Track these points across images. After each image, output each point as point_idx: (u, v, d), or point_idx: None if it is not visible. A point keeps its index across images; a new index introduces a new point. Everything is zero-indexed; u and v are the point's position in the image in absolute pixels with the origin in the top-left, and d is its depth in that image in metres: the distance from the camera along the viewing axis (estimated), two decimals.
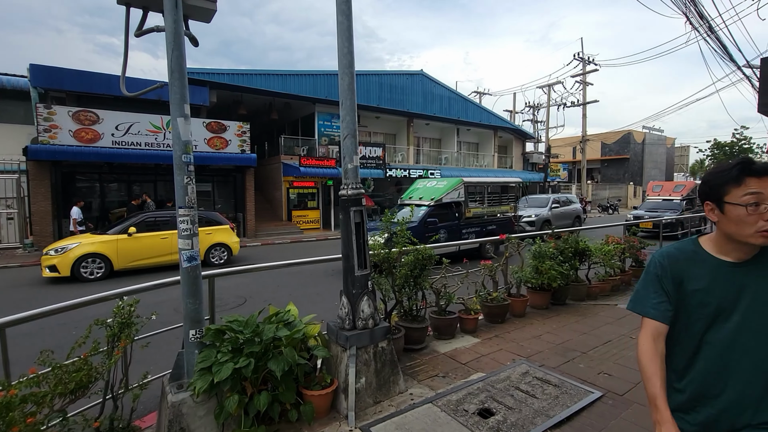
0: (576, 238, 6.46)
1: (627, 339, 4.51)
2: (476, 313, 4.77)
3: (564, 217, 15.06)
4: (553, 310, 5.66)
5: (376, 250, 3.91)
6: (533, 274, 5.61)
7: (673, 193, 15.57)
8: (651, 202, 15.89)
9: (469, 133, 26.53)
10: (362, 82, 19.44)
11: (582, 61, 27.96)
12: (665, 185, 16.45)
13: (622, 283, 7.04)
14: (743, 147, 47.86)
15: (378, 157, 18.51)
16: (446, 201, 10.34)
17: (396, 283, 4.23)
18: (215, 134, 14.21)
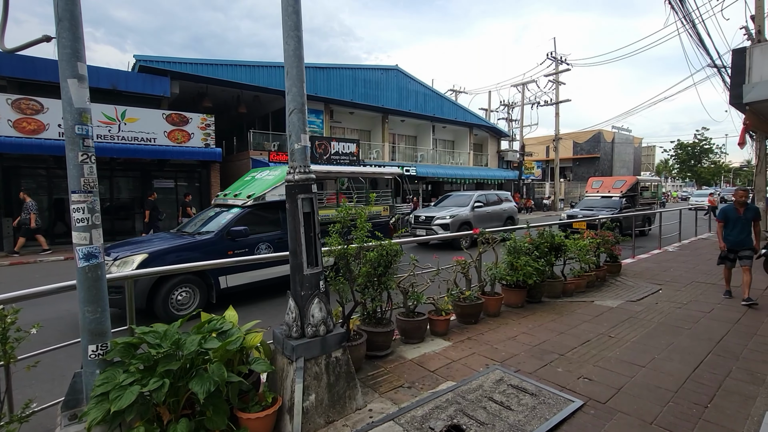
0: (551, 232, 6.20)
1: (606, 338, 4.23)
2: (448, 313, 4.39)
3: (491, 219, 12.66)
4: (529, 309, 5.36)
5: (332, 245, 3.45)
6: (508, 270, 5.30)
7: (612, 190, 14.03)
8: (588, 200, 14.43)
9: (445, 130, 26.38)
10: (335, 76, 18.89)
11: (555, 60, 28.31)
12: (606, 181, 15.04)
13: (597, 279, 6.85)
14: (704, 147, 50.10)
15: (352, 153, 18.00)
16: (271, 200, 6.73)
17: (357, 282, 3.79)
18: (176, 127, 13.34)
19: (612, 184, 14.46)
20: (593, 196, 14.45)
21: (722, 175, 58.16)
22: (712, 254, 9.54)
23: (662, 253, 9.84)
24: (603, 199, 13.94)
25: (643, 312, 5.15)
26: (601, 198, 14.04)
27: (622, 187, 14.04)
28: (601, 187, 14.68)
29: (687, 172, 51.33)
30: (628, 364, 3.58)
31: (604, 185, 14.70)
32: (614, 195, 13.82)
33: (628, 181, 14.39)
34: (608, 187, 14.37)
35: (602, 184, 14.84)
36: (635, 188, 14.40)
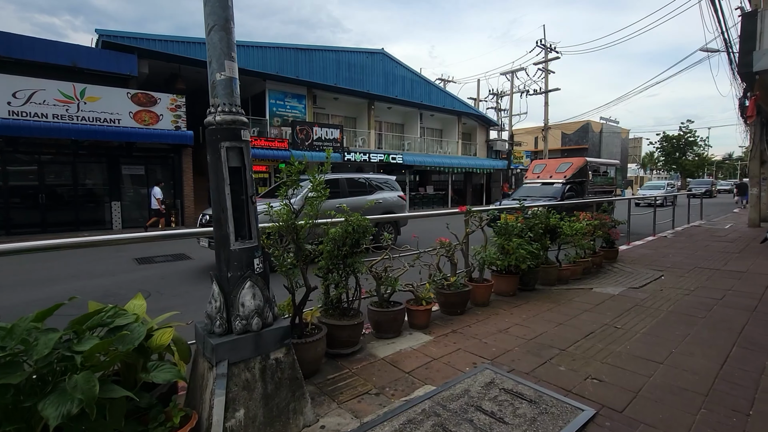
0: (546, 213, 5.60)
1: (612, 330, 3.64)
2: (429, 303, 3.75)
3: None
4: (522, 297, 4.76)
5: (278, 215, 2.76)
6: (498, 254, 4.67)
7: (555, 175, 11.61)
8: (527, 187, 12.10)
9: (433, 118, 25.70)
10: (318, 59, 18.00)
11: (544, 48, 27.75)
12: (549, 164, 12.54)
13: (594, 265, 6.30)
14: (689, 140, 50.47)
15: (335, 139, 17.22)
16: None
17: (319, 266, 3.12)
18: (143, 107, 12.37)
19: (556, 168, 11.99)
20: (532, 183, 12.09)
21: (705, 168, 58.85)
22: (709, 241, 9.14)
23: (657, 240, 9.38)
24: (543, 186, 11.52)
25: (649, 299, 4.59)
26: (541, 185, 11.58)
27: (566, 171, 11.54)
28: (543, 172, 12.21)
29: (672, 165, 51.71)
30: (643, 360, 2.99)
31: (547, 169, 12.24)
32: (557, 181, 11.39)
33: (574, 164, 11.78)
34: (551, 172, 11.87)
35: (545, 168, 12.39)
36: (583, 172, 11.89)
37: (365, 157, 18.64)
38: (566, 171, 11.66)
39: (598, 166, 13.78)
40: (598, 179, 13.04)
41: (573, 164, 11.85)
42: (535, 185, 11.82)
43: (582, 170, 11.88)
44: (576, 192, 11.43)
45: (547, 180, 11.70)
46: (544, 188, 11.46)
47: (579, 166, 11.78)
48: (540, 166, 12.68)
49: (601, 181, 13.24)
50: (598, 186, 13.03)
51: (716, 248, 8.10)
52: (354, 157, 18.20)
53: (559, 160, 12.62)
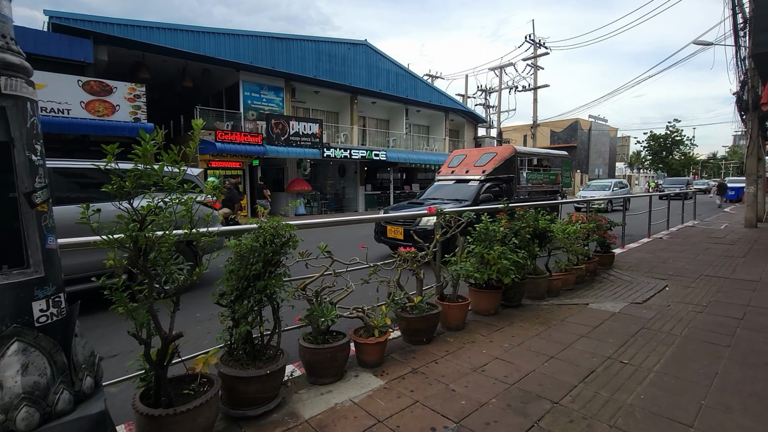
0: (535, 214, 4.79)
1: (617, 366, 2.83)
2: (384, 332, 2.89)
3: None
4: (505, 316, 3.94)
5: None
6: (477, 265, 3.84)
7: (473, 169, 8.66)
8: (437, 187, 9.10)
9: (419, 115, 24.87)
10: (296, 49, 17.00)
11: (533, 43, 27.14)
12: (470, 155, 9.49)
13: (588, 272, 5.53)
14: (675, 139, 50.67)
15: (314, 134, 16.26)
16: None
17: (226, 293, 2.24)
18: (97, 97, 11.27)
19: (475, 160, 8.99)
20: (445, 181, 9.02)
21: (691, 167, 59.32)
22: (708, 243, 8.48)
23: (653, 242, 8.69)
24: (456, 185, 8.55)
25: (656, 319, 3.81)
26: (454, 183, 8.66)
27: (486, 164, 8.55)
28: (459, 166, 9.15)
29: (659, 163, 51.88)
30: (665, 420, 2.18)
31: (466, 162, 9.16)
32: (473, 177, 8.40)
33: (499, 154, 8.79)
34: (469, 165, 8.91)
35: (463, 161, 9.29)
36: (510, 166, 8.75)
37: (346, 154, 17.72)
38: (486, 164, 8.51)
39: (535, 158, 10.93)
40: (535, 175, 10.06)
41: (497, 155, 8.74)
42: (449, 183, 8.78)
43: (508, 163, 8.67)
44: (498, 193, 8.24)
45: (463, 176, 8.63)
46: (456, 188, 8.41)
47: (504, 157, 8.63)
48: (459, 157, 9.50)
49: (539, 178, 10.18)
50: (536, 184, 9.88)
51: (718, 251, 7.42)
52: (334, 154, 17.26)
53: (482, 150, 9.55)
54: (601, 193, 18.23)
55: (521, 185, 9.20)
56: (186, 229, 1.87)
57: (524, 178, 9.50)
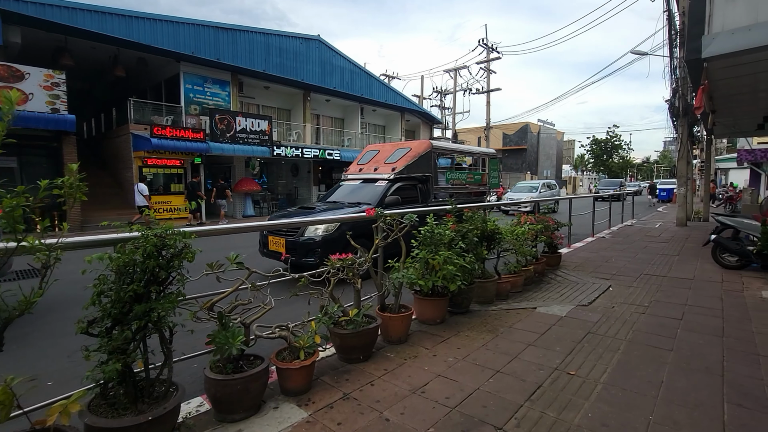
0: (483, 216, 4.61)
1: (565, 379, 2.64)
2: (311, 354, 2.50)
3: None
4: (452, 325, 3.69)
5: None
6: (421, 271, 3.55)
7: (383, 167, 7.38)
8: (341, 187, 7.71)
9: (375, 114, 24.61)
10: (243, 41, 16.09)
11: (486, 47, 27.82)
12: (383, 150, 8.12)
13: (536, 273, 5.47)
14: (615, 143, 54.43)
15: (263, 131, 15.45)
16: None
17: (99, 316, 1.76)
18: (5, 83, 9.86)
19: (387, 157, 7.64)
20: (352, 180, 7.63)
21: (628, 170, 64.01)
22: (646, 241, 8.88)
23: (597, 241, 8.96)
24: (363, 185, 7.24)
25: (602, 323, 3.73)
26: (361, 184, 7.33)
27: (398, 161, 7.26)
28: (369, 163, 7.76)
29: (600, 166, 55.44)
30: None
31: (377, 158, 7.80)
32: (382, 176, 7.08)
33: (413, 150, 7.49)
34: (379, 162, 7.59)
35: (374, 157, 7.91)
36: (424, 164, 7.44)
37: (298, 153, 17.04)
38: (397, 161, 7.22)
39: (455, 155, 9.46)
40: (457, 175, 8.74)
41: (411, 150, 7.46)
42: (353, 184, 7.41)
43: (423, 160, 7.38)
44: (412, 194, 7.08)
45: (371, 175, 7.30)
46: (360, 189, 7.11)
47: (419, 153, 7.35)
48: (371, 153, 8.16)
49: (462, 178, 8.84)
50: (458, 185, 8.61)
51: (655, 250, 7.74)
52: (285, 152, 16.53)
53: (396, 145, 8.16)
54: (528, 195, 16.96)
55: (440, 186, 7.95)
56: (7, 241, 1.38)
57: (444, 177, 8.24)
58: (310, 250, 5.45)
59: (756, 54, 5.05)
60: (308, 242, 5.47)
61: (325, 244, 5.38)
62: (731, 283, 5.15)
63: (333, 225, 5.39)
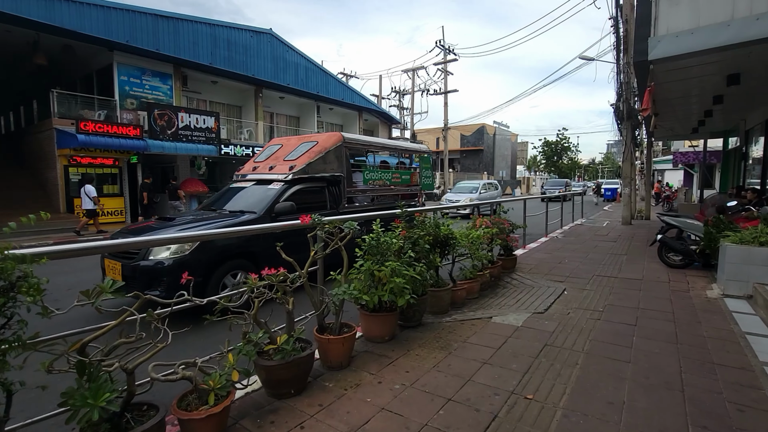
0: (436, 220, 4.31)
1: (522, 405, 2.36)
2: (226, 396, 2.04)
3: None
4: (402, 341, 3.34)
5: None
6: (367, 283, 3.17)
7: (281, 165, 6.00)
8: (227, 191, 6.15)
9: (332, 113, 24.02)
10: (187, 31, 14.97)
11: (443, 49, 28.08)
12: (286, 145, 6.64)
13: (492, 278, 5.27)
14: (564, 145, 57.34)
15: (210, 128, 14.44)
16: None
17: None
18: None
19: (287, 153, 6.25)
20: (243, 182, 6.16)
21: (576, 170, 67.73)
22: (596, 241, 9.08)
23: (550, 241, 9.05)
24: (252, 188, 5.83)
25: (559, 332, 3.53)
26: (252, 186, 5.87)
27: (298, 158, 5.95)
28: (268, 160, 6.34)
29: (551, 167, 58.16)
30: None
31: (277, 155, 6.38)
32: (276, 177, 5.73)
33: (319, 144, 6.11)
34: (278, 159, 6.18)
35: (275, 153, 6.49)
36: (335, 161, 6.15)
37: (248, 152, 16.14)
38: (298, 158, 5.88)
39: (377, 150, 7.93)
40: (379, 174, 7.14)
41: (317, 144, 6.08)
42: (242, 187, 5.93)
43: (332, 157, 6.05)
44: (316, 199, 5.80)
45: (265, 175, 5.88)
46: (250, 193, 5.66)
47: (326, 148, 6.00)
48: (272, 148, 6.70)
49: (386, 178, 7.28)
50: (382, 186, 7.15)
51: (604, 249, 7.88)
52: (235, 151, 15.59)
53: (302, 138, 6.73)
54: (467, 197, 15.56)
55: (357, 188, 6.62)
56: None
57: (361, 178, 6.79)
58: (153, 279, 4.03)
59: (698, 58, 5.15)
60: (151, 268, 4.03)
61: (174, 270, 3.89)
62: (677, 283, 5.22)
63: (190, 245, 4.08)
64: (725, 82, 6.13)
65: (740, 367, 2.83)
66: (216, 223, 4.71)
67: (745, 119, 10.56)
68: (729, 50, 4.78)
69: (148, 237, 3.46)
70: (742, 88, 6.67)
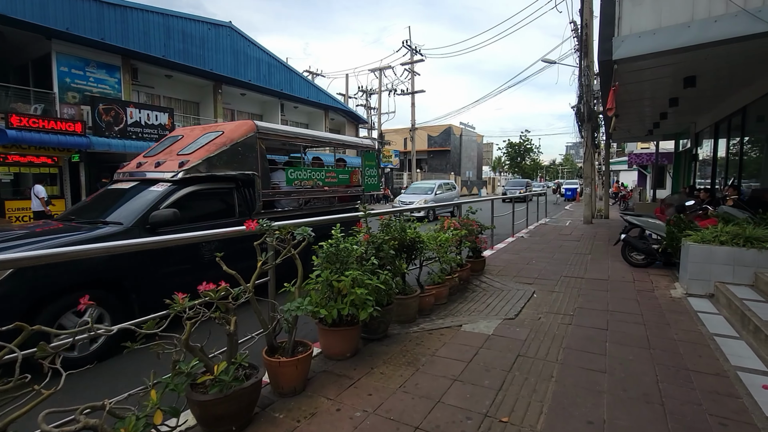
0: (403, 223, 4.04)
1: (497, 429, 2.11)
2: None
3: None
4: (366, 357, 3.03)
5: None
6: (325, 295, 2.84)
7: (171, 160, 4.58)
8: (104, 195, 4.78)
9: (297, 111, 23.34)
10: (136, 20, 13.93)
11: (410, 49, 28.06)
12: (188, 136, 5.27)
13: (461, 281, 5.09)
14: (527, 147, 59.23)
15: (163, 125, 13.51)
16: None
17: None
18: None
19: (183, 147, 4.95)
20: (120, 182, 4.85)
21: (538, 171, 70.19)
22: (560, 240, 9.16)
23: (517, 241, 9.05)
24: (132, 189, 4.45)
25: (531, 340, 3.35)
26: (132, 187, 4.50)
27: (195, 152, 4.64)
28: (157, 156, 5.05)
29: (515, 168, 59.90)
30: None
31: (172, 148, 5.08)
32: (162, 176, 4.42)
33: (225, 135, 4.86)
34: (171, 154, 4.89)
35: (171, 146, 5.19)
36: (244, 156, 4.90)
37: None
38: (194, 152, 4.65)
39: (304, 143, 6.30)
40: (307, 174, 5.81)
41: (223, 135, 4.89)
42: (122, 188, 4.64)
43: (242, 151, 4.88)
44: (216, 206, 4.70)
45: (150, 173, 4.62)
46: (125, 197, 4.39)
47: (233, 140, 4.82)
48: (171, 140, 5.44)
49: (318, 177, 5.99)
50: (315, 189, 5.94)
51: (569, 248, 7.94)
52: None
53: (206, 128, 5.47)
54: (422, 198, 14.56)
55: (280, 189, 5.41)
56: None
57: (284, 177, 5.48)
58: None
59: (660, 59, 5.19)
60: None
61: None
62: (642, 283, 5.23)
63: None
64: (682, 85, 6.27)
65: (715, 373, 2.74)
66: (51, 240, 3.38)
67: (696, 122, 11.08)
68: (689, 51, 4.84)
69: None
70: (695, 91, 6.89)
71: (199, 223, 4.23)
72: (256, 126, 5.13)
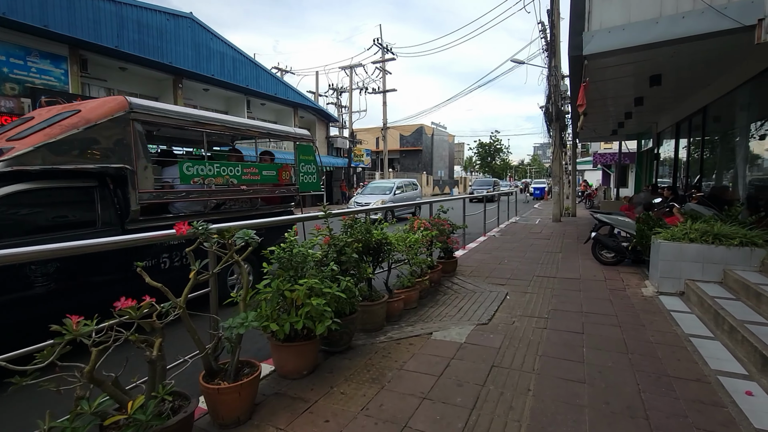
0: (368, 224, 3.73)
1: None
2: None
3: None
4: (325, 374, 2.69)
5: None
6: (276, 307, 2.48)
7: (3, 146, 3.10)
8: None
9: (265, 108, 22.57)
10: (86, 8, 12.89)
11: (381, 47, 27.83)
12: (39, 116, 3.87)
13: (432, 283, 4.84)
14: (497, 147, 60.43)
15: None
16: None
17: None
18: None
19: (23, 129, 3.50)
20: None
21: (507, 170, 71.78)
22: (531, 239, 9.13)
23: (489, 240, 8.95)
24: None
25: (506, 348, 3.12)
26: None
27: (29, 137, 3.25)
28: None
29: (486, 167, 60.97)
30: None
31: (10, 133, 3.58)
32: None
33: (82, 115, 3.43)
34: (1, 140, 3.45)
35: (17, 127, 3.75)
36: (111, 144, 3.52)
37: (164, 146, 14.37)
38: (28, 137, 3.28)
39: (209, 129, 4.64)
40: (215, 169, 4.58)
41: (77, 114, 3.48)
42: None
43: (103, 135, 3.48)
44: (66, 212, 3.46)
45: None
46: None
47: (91, 120, 3.42)
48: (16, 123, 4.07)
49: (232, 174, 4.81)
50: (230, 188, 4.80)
51: (540, 247, 7.88)
52: None
53: (62, 108, 4.02)
54: (379, 198, 13.53)
55: (171, 189, 4.21)
56: None
57: (177, 173, 4.25)
58: None
59: (628, 55, 5.13)
60: None
61: None
62: (613, 281, 5.16)
63: None
64: (648, 83, 6.30)
65: (696, 378, 2.60)
66: None
67: (657, 122, 11.40)
68: (657, 47, 4.79)
69: None
70: (659, 91, 6.97)
71: (34, 237, 3.10)
72: (129, 103, 3.68)
